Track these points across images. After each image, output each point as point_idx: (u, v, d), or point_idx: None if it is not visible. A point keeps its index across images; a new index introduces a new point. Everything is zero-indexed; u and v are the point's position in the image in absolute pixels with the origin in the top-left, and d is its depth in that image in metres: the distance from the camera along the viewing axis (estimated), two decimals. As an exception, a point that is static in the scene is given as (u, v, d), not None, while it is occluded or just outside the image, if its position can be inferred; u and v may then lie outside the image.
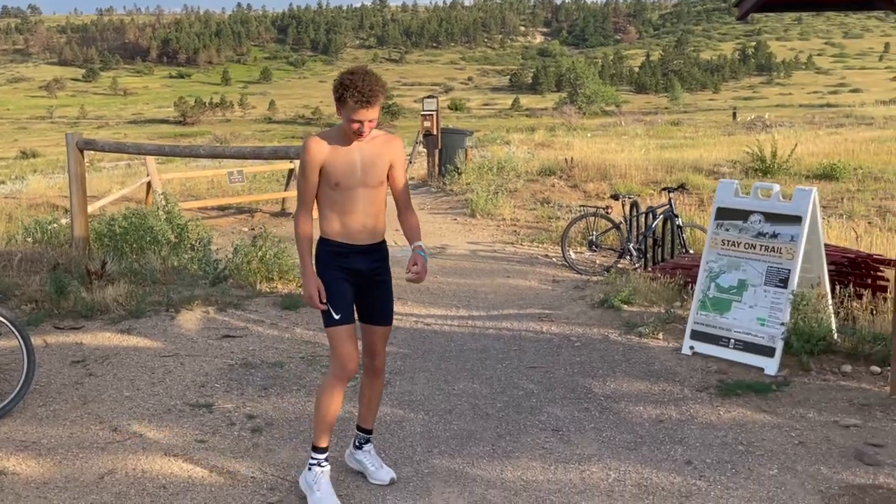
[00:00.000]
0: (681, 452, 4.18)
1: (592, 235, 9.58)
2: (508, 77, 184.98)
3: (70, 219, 8.88)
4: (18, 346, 4.71)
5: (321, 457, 3.68)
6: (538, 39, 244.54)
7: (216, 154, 10.49)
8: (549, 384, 5.25)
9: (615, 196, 9.99)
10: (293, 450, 4.25)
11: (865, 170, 15.47)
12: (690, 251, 8.87)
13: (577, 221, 9.81)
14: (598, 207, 9.91)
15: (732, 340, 5.60)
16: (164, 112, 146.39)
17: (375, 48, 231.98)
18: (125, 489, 3.82)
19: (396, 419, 4.67)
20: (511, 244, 10.89)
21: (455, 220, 12.87)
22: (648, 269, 8.60)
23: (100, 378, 5.28)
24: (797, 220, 5.54)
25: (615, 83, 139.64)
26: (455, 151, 16.84)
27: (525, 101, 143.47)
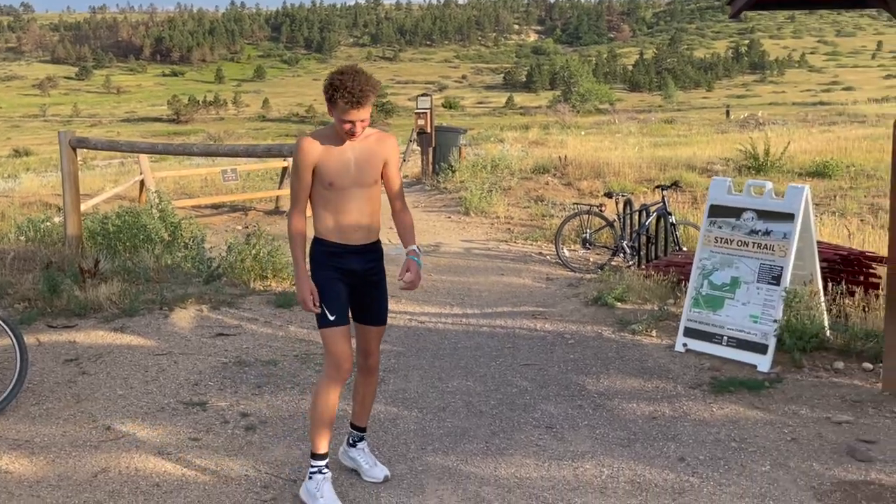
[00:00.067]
0: (674, 449, 4.20)
1: (586, 233, 9.60)
2: (502, 75, 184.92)
3: (63, 217, 8.86)
4: (11, 345, 4.70)
5: (321, 464, 3.62)
6: (532, 37, 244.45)
7: (210, 152, 10.49)
8: (543, 381, 5.26)
9: (609, 194, 10.02)
10: (287, 448, 4.26)
11: (858, 167, 15.54)
12: (684, 249, 8.89)
13: (571, 219, 9.83)
14: (592, 205, 9.93)
15: (725, 337, 5.62)
16: (158, 110, 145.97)
17: (369, 46, 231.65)
18: (118, 487, 3.81)
19: (390, 417, 4.67)
20: (505, 242, 10.90)
21: (449, 218, 12.88)
22: (642, 267, 8.62)
23: (93, 376, 5.27)
24: (790, 218, 5.56)
25: (609, 81, 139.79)
26: (449, 149, 16.86)
27: (519, 100, 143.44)
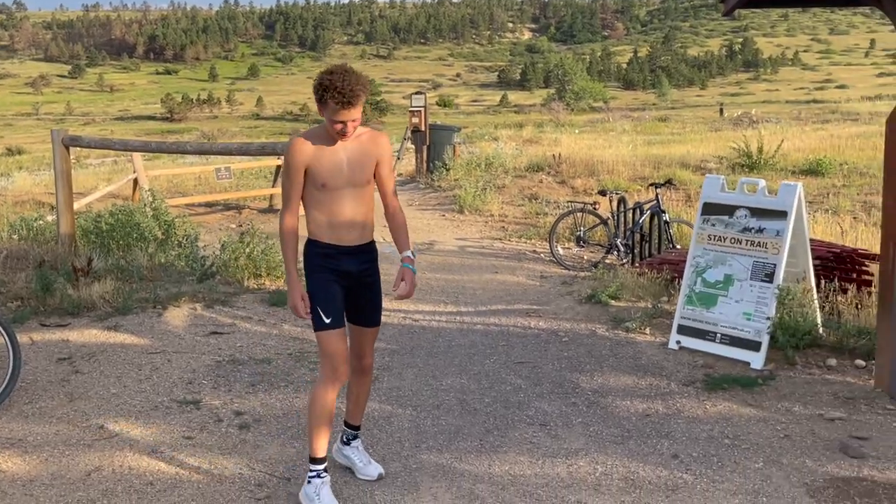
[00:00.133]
0: (667, 446, 4.21)
1: (580, 231, 9.61)
2: (497, 73, 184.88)
3: (56, 216, 8.83)
4: (4, 344, 4.69)
5: (320, 468, 3.58)
6: (526, 36, 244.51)
7: (203, 150, 10.45)
8: (537, 379, 5.27)
9: (603, 192, 10.03)
10: (281, 446, 4.25)
11: (851, 165, 15.56)
12: (677, 246, 8.90)
13: (565, 217, 9.83)
14: (586, 203, 9.94)
15: (719, 335, 5.63)
16: (151, 109, 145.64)
17: (363, 44, 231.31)
18: (112, 486, 3.81)
19: (384, 415, 4.67)
20: (499, 240, 10.91)
21: (443, 217, 12.88)
22: (636, 265, 8.63)
23: (86, 375, 5.26)
24: (783, 215, 5.57)
25: (603, 79, 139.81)
26: (443, 148, 16.86)
27: (513, 98, 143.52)
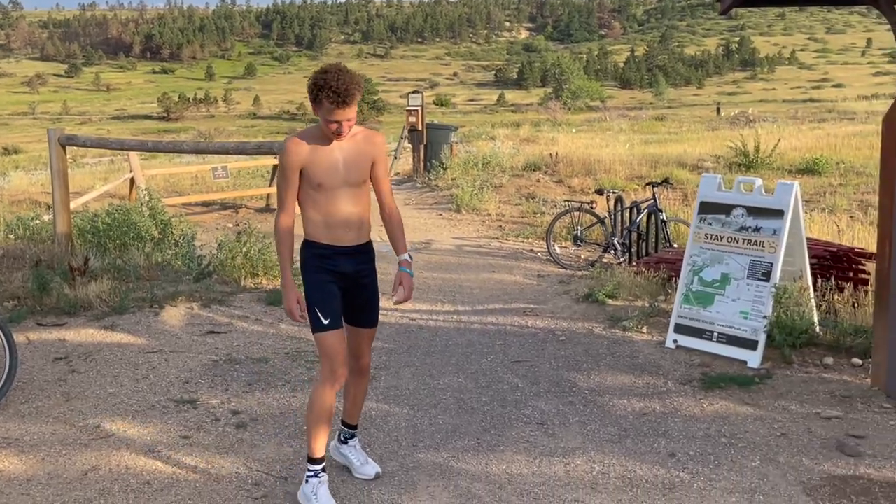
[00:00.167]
0: (664, 445, 4.21)
1: (577, 230, 9.61)
2: (494, 72, 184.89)
3: (52, 215, 8.82)
4: (1, 344, 4.68)
5: (318, 468, 3.58)
6: (523, 35, 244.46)
7: (200, 150, 10.42)
8: (534, 378, 5.27)
9: (600, 191, 10.03)
10: (278, 445, 4.25)
11: (848, 164, 15.59)
12: (674, 245, 8.91)
13: (562, 216, 9.83)
14: (583, 202, 9.94)
15: (715, 334, 5.64)
16: (148, 108, 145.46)
17: (360, 43, 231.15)
18: (109, 485, 3.80)
19: (382, 414, 4.67)
20: (496, 239, 10.91)
21: (440, 216, 12.88)
22: (633, 264, 8.64)
23: (83, 375, 5.25)
24: (779, 214, 5.58)
25: (600, 78, 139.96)
26: (440, 147, 16.86)
27: (510, 97, 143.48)
